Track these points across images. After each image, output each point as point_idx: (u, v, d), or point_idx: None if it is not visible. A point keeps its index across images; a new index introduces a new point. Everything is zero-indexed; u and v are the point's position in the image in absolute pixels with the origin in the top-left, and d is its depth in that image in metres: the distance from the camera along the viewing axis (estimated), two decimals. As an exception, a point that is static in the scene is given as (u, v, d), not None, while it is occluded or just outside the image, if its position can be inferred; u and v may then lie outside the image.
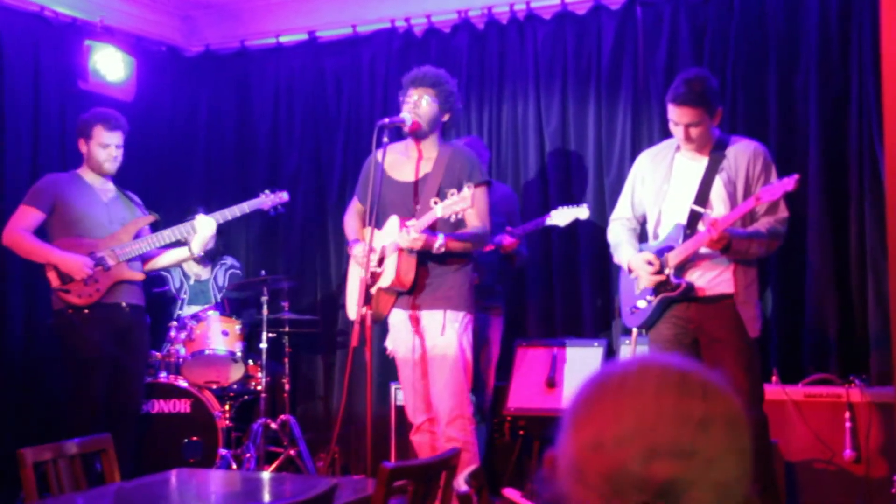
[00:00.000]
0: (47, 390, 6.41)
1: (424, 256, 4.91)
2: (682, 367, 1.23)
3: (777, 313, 5.98)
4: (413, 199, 4.99)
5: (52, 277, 5.48)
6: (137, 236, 5.69)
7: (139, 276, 5.69)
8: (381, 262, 4.98)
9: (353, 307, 5.14)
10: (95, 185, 5.70)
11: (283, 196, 5.98)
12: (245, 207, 5.86)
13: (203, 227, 5.70)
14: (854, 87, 5.86)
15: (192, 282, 6.99)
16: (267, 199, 5.94)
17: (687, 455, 1.15)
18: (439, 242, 4.76)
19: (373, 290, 4.97)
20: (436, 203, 4.72)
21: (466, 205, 4.65)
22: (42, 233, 5.59)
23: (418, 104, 4.96)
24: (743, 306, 4.62)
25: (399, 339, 5.03)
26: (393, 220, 4.96)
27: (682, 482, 1.15)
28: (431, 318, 4.92)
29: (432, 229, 4.80)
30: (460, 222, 4.92)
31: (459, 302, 4.94)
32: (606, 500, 1.17)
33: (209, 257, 6.96)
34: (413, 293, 4.93)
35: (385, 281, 4.92)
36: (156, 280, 6.89)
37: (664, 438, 1.16)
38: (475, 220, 4.92)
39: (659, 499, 1.15)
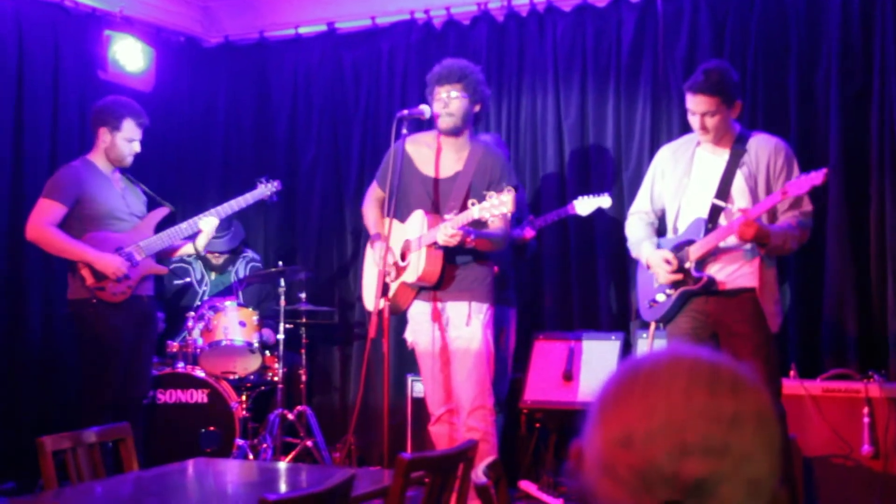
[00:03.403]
0: (65, 380, 6.44)
1: (450, 252, 4.91)
2: (713, 362, 1.21)
3: (796, 308, 5.95)
4: (435, 194, 4.99)
5: (87, 275, 5.43)
6: (157, 228, 5.70)
7: (164, 271, 5.81)
8: (403, 256, 4.98)
9: (370, 298, 5.15)
10: (108, 173, 5.67)
11: (276, 185, 6.05)
12: (249, 198, 5.91)
13: (208, 226, 5.74)
14: (876, 81, 5.83)
15: (213, 276, 7.01)
16: (266, 189, 6.00)
17: (719, 452, 1.14)
18: (473, 236, 4.78)
19: (394, 284, 4.97)
20: (473, 204, 4.70)
21: (506, 209, 4.62)
22: (62, 225, 5.57)
23: (448, 103, 4.93)
24: (766, 301, 4.61)
25: (420, 330, 5.04)
26: (417, 216, 4.95)
27: (713, 479, 1.14)
28: (456, 310, 4.94)
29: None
30: (483, 221, 4.92)
31: (483, 294, 4.97)
32: (635, 495, 1.15)
33: (232, 251, 6.98)
34: (439, 288, 4.94)
35: (410, 276, 4.92)
36: (177, 272, 6.92)
37: (695, 435, 1.14)
38: (499, 221, 4.92)
39: (690, 496, 1.13)
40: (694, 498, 1.14)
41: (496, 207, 4.63)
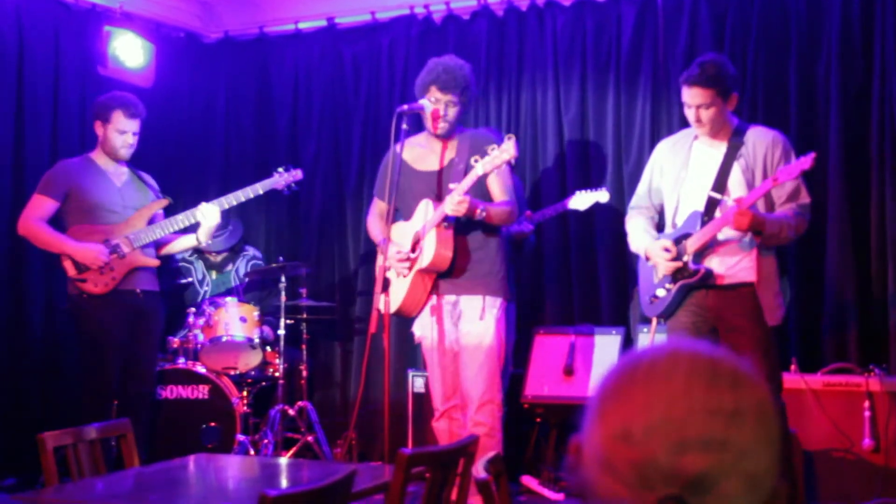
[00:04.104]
0: (66, 375, 6.44)
1: (463, 229, 4.89)
2: (712, 356, 1.20)
3: (797, 302, 5.95)
4: (438, 188, 5.00)
5: (68, 267, 5.51)
6: (151, 221, 5.71)
7: (154, 263, 5.72)
8: (414, 247, 4.97)
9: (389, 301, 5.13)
10: (108, 169, 5.71)
11: (297, 174, 5.95)
12: (258, 188, 5.84)
13: (207, 216, 5.69)
14: (876, 75, 5.83)
15: (214, 275, 7.01)
16: (280, 179, 5.91)
17: (718, 447, 1.13)
18: (481, 208, 4.77)
19: (409, 278, 4.96)
20: (476, 161, 4.71)
21: (508, 156, 4.63)
22: (57, 219, 5.62)
23: (446, 110, 4.96)
24: (764, 294, 4.61)
25: (426, 324, 5.03)
26: (422, 206, 4.96)
27: (713, 474, 1.13)
28: (469, 303, 4.94)
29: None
30: (487, 198, 4.92)
31: (498, 288, 4.97)
32: (634, 491, 1.15)
33: (231, 250, 6.98)
34: (450, 276, 4.93)
35: (424, 261, 4.90)
36: (180, 271, 6.92)
37: (695, 430, 1.14)
38: (502, 194, 4.94)
39: (689, 491, 1.13)
40: (693, 493, 1.13)
41: (498, 157, 4.65)
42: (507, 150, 4.63)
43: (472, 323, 4.93)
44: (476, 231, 4.95)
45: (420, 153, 5.08)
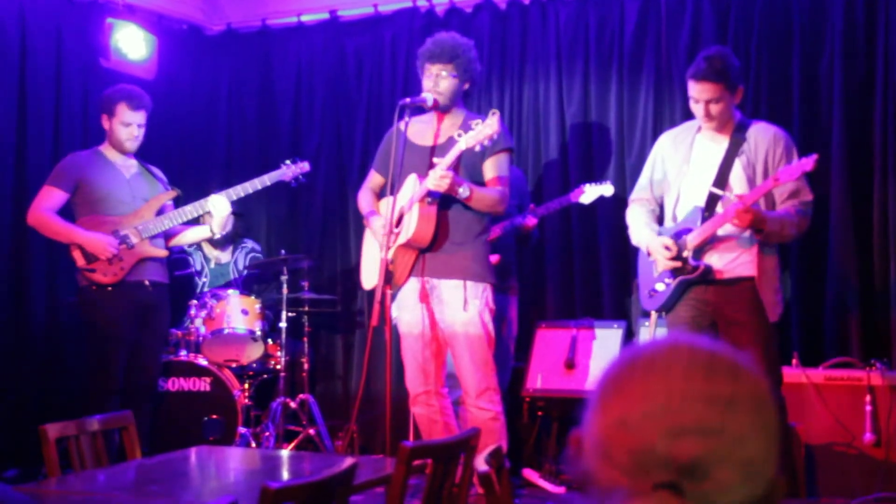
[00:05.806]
0: (69, 367, 6.45)
1: (447, 208, 4.87)
2: (711, 349, 1.22)
3: (798, 296, 5.95)
4: (431, 162, 4.95)
5: (77, 257, 5.51)
6: (160, 213, 5.71)
7: (163, 253, 5.73)
8: (398, 222, 4.95)
9: (366, 277, 5.14)
10: (117, 161, 5.72)
11: (305, 166, 5.95)
12: (266, 180, 5.83)
13: (218, 207, 5.70)
14: (879, 70, 5.82)
15: (212, 265, 7.00)
16: (288, 171, 5.91)
17: (714, 433, 1.15)
18: (464, 187, 4.74)
19: (390, 254, 4.93)
20: (460, 136, 4.69)
21: (492, 130, 4.60)
22: (66, 212, 5.62)
23: (438, 82, 4.94)
24: (764, 291, 4.61)
25: (406, 307, 5.01)
26: (410, 179, 4.93)
27: (708, 460, 1.14)
28: (451, 291, 4.89)
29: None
30: (482, 184, 4.91)
31: (480, 272, 4.91)
32: (631, 478, 1.16)
33: (229, 240, 6.97)
34: (431, 250, 4.89)
35: (404, 236, 4.88)
36: (178, 262, 6.92)
37: (690, 417, 1.15)
38: (495, 181, 4.91)
39: (684, 477, 1.14)
40: (689, 479, 1.14)
41: (482, 133, 4.62)
42: (490, 124, 4.60)
43: (457, 313, 4.87)
44: (459, 210, 4.90)
45: (420, 128, 5.05)
